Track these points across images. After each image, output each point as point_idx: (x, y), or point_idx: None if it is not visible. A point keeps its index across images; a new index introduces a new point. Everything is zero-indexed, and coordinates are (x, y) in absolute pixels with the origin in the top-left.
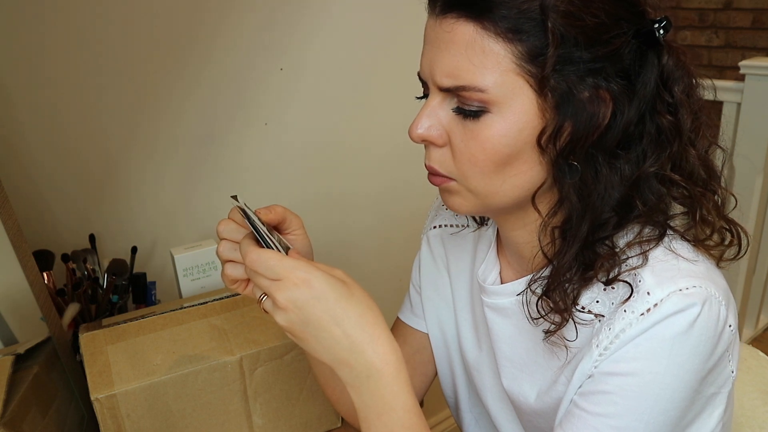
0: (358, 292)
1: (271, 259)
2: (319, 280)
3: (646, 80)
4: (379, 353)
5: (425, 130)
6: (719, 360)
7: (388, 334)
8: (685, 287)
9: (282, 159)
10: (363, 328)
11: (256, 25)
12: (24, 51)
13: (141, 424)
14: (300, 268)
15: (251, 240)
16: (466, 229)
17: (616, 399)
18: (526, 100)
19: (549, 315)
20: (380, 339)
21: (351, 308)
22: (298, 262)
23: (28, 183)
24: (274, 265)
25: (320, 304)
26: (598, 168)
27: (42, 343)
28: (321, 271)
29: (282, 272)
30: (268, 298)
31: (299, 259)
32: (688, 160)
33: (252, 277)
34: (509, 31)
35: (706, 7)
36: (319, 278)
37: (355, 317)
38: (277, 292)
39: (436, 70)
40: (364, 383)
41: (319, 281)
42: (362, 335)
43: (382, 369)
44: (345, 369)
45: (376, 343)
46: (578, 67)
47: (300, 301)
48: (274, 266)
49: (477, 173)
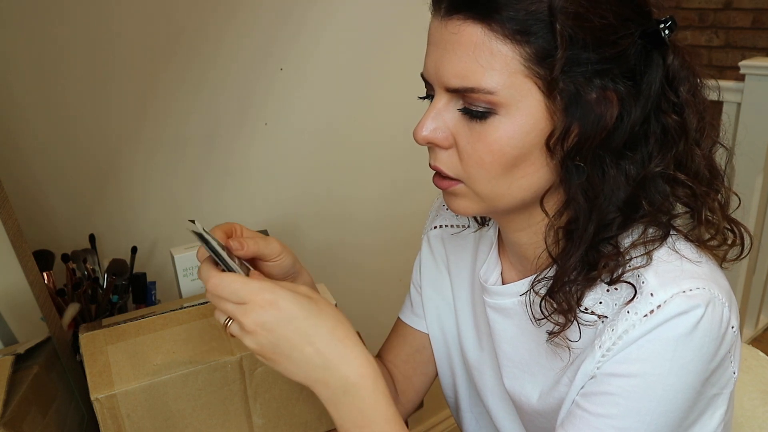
0: (326, 307)
1: (235, 283)
2: (286, 300)
3: (651, 80)
4: (354, 367)
5: (430, 132)
6: (722, 361)
7: (361, 347)
8: (689, 289)
9: (282, 159)
10: (335, 343)
11: (256, 26)
12: (26, 51)
13: (141, 424)
14: (265, 290)
15: (211, 264)
16: (467, 230)
17: (619, 400)
18: (534, 102)
19: (552, 316)
20: (353, 353)
21: (321, 324)
22: (262, 283)
23: (28, 183)
24: (238, 288)
25: (290, 324)
26: (605, 169)
27: (42, 343)
28: (287, 291)
29: (247, 295)
30: (234, 323)
31: (263, 280)
32: (694, 159)
33: (215, 303)
34: (517, 32)
35: (706, 7)
36: (286, 298)
37: (326, 333)
38: (243, 316)
39: (443, 71)
40: (341, 399)
41: (286, 301)
42: (335, 351)
43: (358, 383)
44: (321, 387)
45: (349, 357)
46: (586, 69)
47: (269, 323)
48: (239, 290)
49: (484, 175)
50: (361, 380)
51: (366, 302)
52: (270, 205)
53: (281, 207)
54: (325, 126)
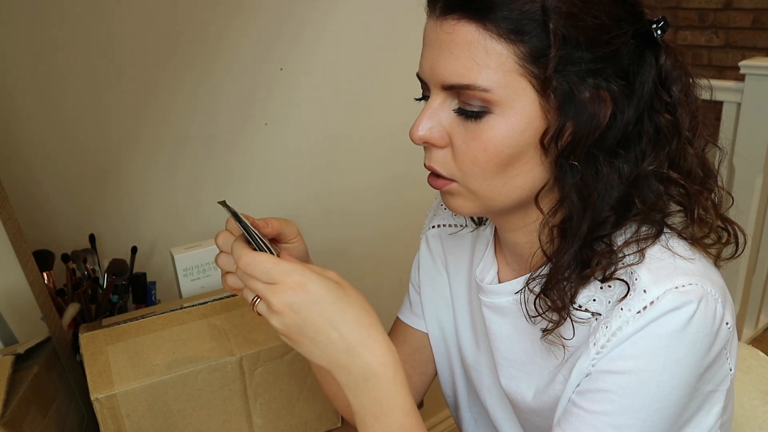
0: (354, 294)
1: (266, 263)
2: (315, 283)
3: (644, 80)
4: (377, 355)
5: (426, 131)
6: (716, 357)
7: (385, 336)
8: (681, 285)
9: (282, 159)
10: (360, 330)
11: (256, 26)
12: (26, 50)
13: (141, 424)
14: (296, 272)
15: (243, 243)
16: (465, 229)
17: (614, 397)
18: (528, 101)
19: (546, 313)
20: (377, 341)
21: (347, 310)
22: (293, 265)
23: (28, 183)
24: (269, 268)
25: (317, 307)
26: (599, 167)
27: (42, 343)
28: (316, 274)
29: (277, 276)
30: (261, 301)
31: (294, 262)
32: (686, 158)
33: (245, 281)
34: (511, 32)
35: (706, 7)
36: (315, 281)
37: (351, 319)
38: (273, 296)
39: (439, 69)
40: (361, 386)
41: (314, 284)
42: (359, 338)
43: (379, 371)
44: (342, 372)
45: (373, 345)
46: (579, 68)
47: (296, 304)
48: (270, 270)
49: (479, 174)
50: (382, 369)
51: None
52: (270, 204)
53: (281, 207)
54: (324, 126)
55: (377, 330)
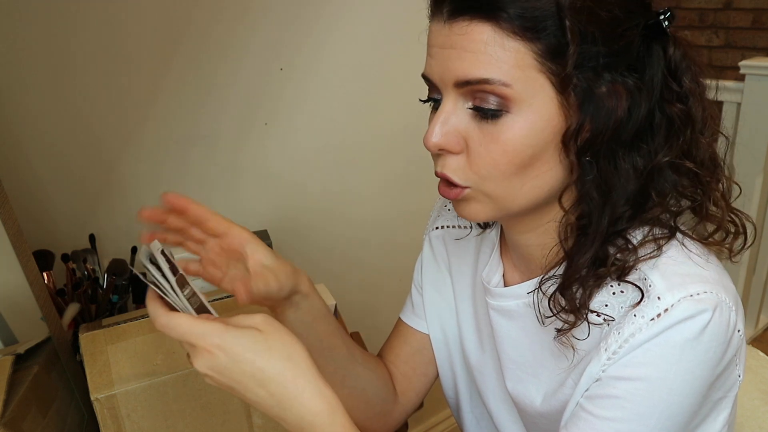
0: (276, 344)
1: (180, 326)
2: (233, 343)
3: (653, 72)
4: (307, 406)
5: (441, 138)
6: (728, 365)
7: (314, 384)
8: (696, 293)
9: (282, 159)
10: (285, 385)
11: (256, 26)
12: (27, 51)
13: (141, 424)
14: (211, 334)
15: (158, 302)
16: (471, 233)
17: (624, 403)
18: (546, 98)
19: (561, 314)
20: (304, 393)
21: (269, 367)
22: (207, 326)
23: (28, 183)
24: (184, 332)
25: (237, 367)
26: (617, 162)
27: (42, 343)
28: (235, 331)
29: (194, 340)
30: None
31: (210, 322)
32: (699, 147)
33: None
34: (526, 29)
35: (706, 7)
36: (233, 340)
37: (275, 376)
38: (194, 359)
39: (453, 68)
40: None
41: (232, 344)
42: (285, 393)
43: (314, 420)
44: (281, 421)
45: (302, 397)
46: (596, 63)
47: (218, 367)
48: (184, 334)
49: (497, 177)
50: (315, 417)
51: (366, 302)
52: (270, 204)
53: (281, 207)
54: (325, 126)
55: (304, 380)
